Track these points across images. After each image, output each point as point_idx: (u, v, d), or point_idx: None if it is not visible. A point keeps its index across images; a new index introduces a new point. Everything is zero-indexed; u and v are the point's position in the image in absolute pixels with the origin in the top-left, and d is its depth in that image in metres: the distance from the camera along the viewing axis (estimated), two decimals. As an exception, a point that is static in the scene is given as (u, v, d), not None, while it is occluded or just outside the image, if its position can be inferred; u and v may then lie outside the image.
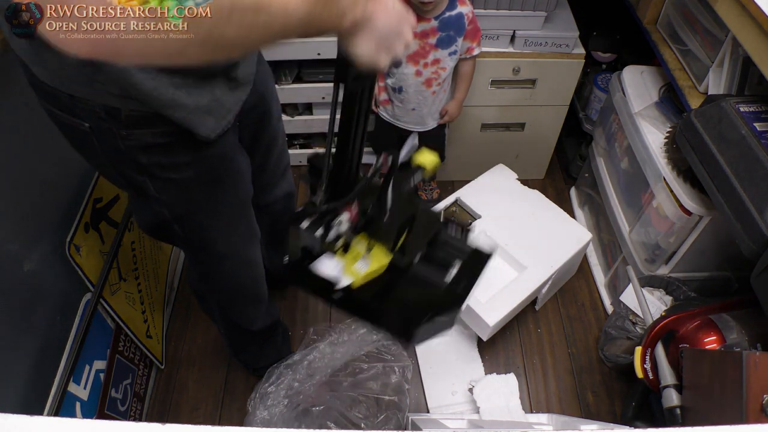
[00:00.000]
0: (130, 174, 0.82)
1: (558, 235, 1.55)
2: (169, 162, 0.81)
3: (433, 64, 1.46)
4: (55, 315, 1.07)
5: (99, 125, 0.74)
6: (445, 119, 1.62)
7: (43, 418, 0.42)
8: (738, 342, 1.04)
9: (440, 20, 1.40)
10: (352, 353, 1.46)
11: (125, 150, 0.77)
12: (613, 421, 1.42)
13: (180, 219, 0.91)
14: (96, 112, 0.73)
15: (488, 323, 1.37)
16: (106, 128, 0.75)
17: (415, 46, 1.44)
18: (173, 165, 0.81)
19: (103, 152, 0.79)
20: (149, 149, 0.78)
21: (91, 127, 0.75)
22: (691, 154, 1.12)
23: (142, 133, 0.76)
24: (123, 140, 0.76)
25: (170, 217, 0.90)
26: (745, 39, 1.04)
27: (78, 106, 0.73)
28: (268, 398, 1.36)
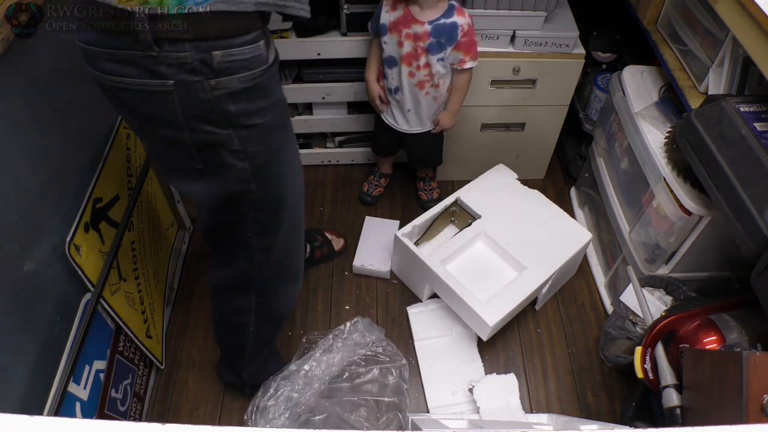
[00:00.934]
0: (212, 132, 0.83)
1: (558, 235, 1.55)
2: (253, 108, 0.84)
3: (424, 67, 1.46)
4: (55, 315, 1.07)
5: (187, 80, 0.77)
6: (436, 129, 1.62)
7: (43, 418, 0.42)
8: (738, 342, 1.04)
9: (434, 26, 1.40)
10: (347, 358, 1.46)
11: (213, 101, 0.79)
12: (613, 421, 1.42)
13: (259, 172, 0.92)
14: (186, 65, 0.75)
15: (488, 323, 1.37)
16: (195, 81, 0.77)
17: (410, 48, 1.44)
18: (256, 110, 0.85)
19: (184, 112, 0.80)
20: (236, 96, 0.81)
21: (175, 84, 0.77)
22: (691, 154, 1.12)
23: (229, 80, 0.79)
24: (213, 91, 0.78)
25: (251, 172, 0.91)
26: (745, 39, 1.04)
27: (163, 64, 0.75)
28: (268, 412, 1.34)
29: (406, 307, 1.64)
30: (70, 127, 1.14)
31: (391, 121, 1.64)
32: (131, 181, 1.38)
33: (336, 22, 1.57)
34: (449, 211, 1.67)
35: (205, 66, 0.76)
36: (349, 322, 1.53)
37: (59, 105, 1.10)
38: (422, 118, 1.59)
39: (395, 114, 1.61)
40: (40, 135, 1.04)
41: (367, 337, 1.50)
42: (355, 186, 1.95)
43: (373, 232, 1.79)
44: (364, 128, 1.89)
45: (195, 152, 0.87)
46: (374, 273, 1.71)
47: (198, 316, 1.62)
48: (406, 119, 1.60)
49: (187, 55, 0.75)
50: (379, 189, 1.93)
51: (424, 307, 1.63)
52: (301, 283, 1.26)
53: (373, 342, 1.50)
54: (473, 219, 1.61)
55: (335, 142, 2.01)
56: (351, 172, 2.02)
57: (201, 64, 0.76)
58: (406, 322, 1.61)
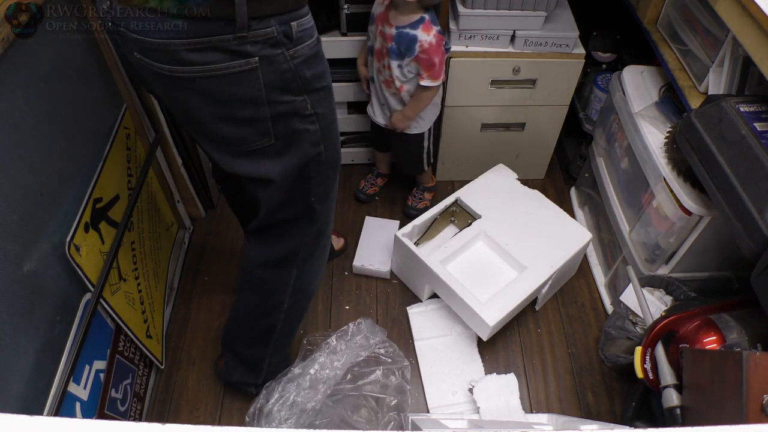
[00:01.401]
0: (289, 101, 0.90)
1: (558, 235, 1.55)
2: (320, 71, 0.92)
3: (387, 68, 1.47)
4: (55, 315, 1.07)
5: (270, 54, 0.83)
6: (387, 125, 1.62)
7: (43, 418, 0.42)
8: (738, 342, 1.04)
9: (398, 32, 1.40)
10: (351, 360, 1.45)
11: (294, 69, 0.87)
12: (613, 421, 1.42)
13: (327, 132, 0.99)
14: (270, 39, 0.81)
15: (488, 323, 1.37)
16: (278, 54, 0.83)
17: (379, 45, 1.45)
18: (322, 73, 0.93)
19: (266, 86, 0.86)
20: (309, 62, 0.89)
21: (260, 60, 0.82)
22: (691, 154, 1.12)
23: (302, 48, 0.86)
24: (292, 60, 0.85)
25: (320, 134, 0.98)
26: (745, 39, 1.04)
27: (249, 43, 0.80)
28: (273, 418, 1.31)
29: (406, 307, 1.64)
30: (70, 127, 1.14)
31: (371, 111, 1.65)
32: (131, 181, 1.38)
33: (336, 22, 1.57)
34: (449, 211, 1.67)
35: (286, 38, 0.83)
36: (352, 323, 1.52)
37: (59, 105, 1.10)
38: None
39: (374, 104, 1.62)
40: (40, 135, 1.04)
41: (370, 339, 1.49)
42: (355, 186, 1.96)
43: (373, 232, 1.79)
44: (364, 128, 1.90)
45: (270, 127, 0.93)
46: (374, 273, 1.71)
47: (198, 316, 1.62)
48: (382, 112, 1.61)
49: (272, 29, 0.81)
50: (374, 188, 1.93)
51: (424, 307, 1.63)
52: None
53: (376, 343, 1.49)
54: (473, 219, 1.61)
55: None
56: (351, 172, 2.02)
57: (283, 36, 0.83)
58: (406, 322, 1.61)
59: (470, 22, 1.53)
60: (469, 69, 1.59)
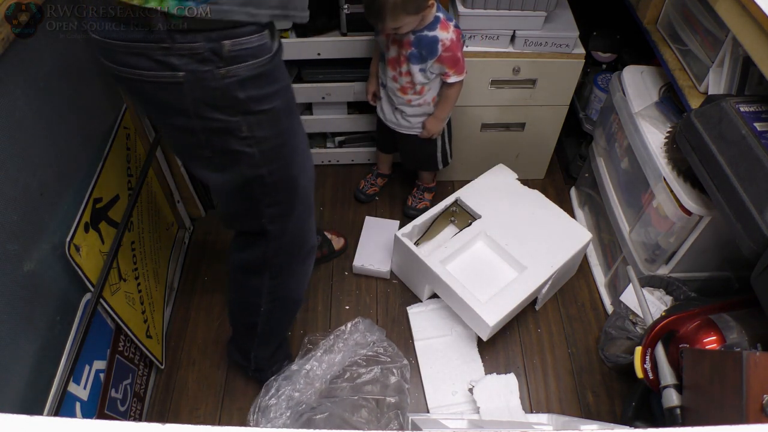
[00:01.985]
0: (221, 119, 0.87)
1: (558, 235, 1.55)
2: (261, 94, 0.87)
3: (406, 74, 1.47)
4: (55, 315, 1.07)
5: (197, 70, 0.80)
6: (423, 134, 1.61)
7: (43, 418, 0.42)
8: (738, 342, 1.04)
9: (416, 36, 1.39)
10: (348, 358, 1.46)
11: (225, 89, 0.83)
12: (613, 421, 1.42)
13: (269, 156, 0.95)
14: (197, 55, 0.79)
15: (488, 323, 1.37)
16: (205, 71, 0.80)
17: (394, 53, 1.44)
18: (265, 96, 0.88)
19: (194, 101, 0.84)
20: (245, 83, 0.84)
21: (186, 75, 0.80)
22: (691, 154, 1.12)
23: (238, 68, 0.82)
24: (223, 79, 0.82)
25: (260, 157, 0.94)
26: (745, 39, 1.04)
27: (174, 56, 0.78)
28: (270, 411, 1.35)
29: (406, 307, 1.64)
30: (70, 127, 1.14)
31: (381, 115, 1.65)
32: (131, 181, 1.38)
33: (336, 22, 1.57)
34: (449, 211, 1.67)
35: (215, 55, 0.79)
36: (350, 322, 1.53)
37: (59, 105, 1.10)
38: (409, 120, 1.59)
39: (385, 108, 1.62)
40: (40, 135, 1.04)
41: (368, 338, 1.50)
42: (355, 186, 1.95)
43: (373, 232, 1.79)
44: (363, 128, 1.90)
45: (204, 141, 0.91)
46: (374, 273, 1.71)
47: (198, 317, 1.62)
48: (395, 117, 1.60)
49: (198, 45, 0.78)
50: (374, 188, 1.93)
51: (424, 307, 1.63)
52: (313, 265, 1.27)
53: (374, 342, 1.50)
54: (473, 219, 1.61)
55: (335, 142, 2.01)
56: (351, 172, 2.02)
57: (211, 54, 0.79)
58: (406, 322, 1.61)
59: (470, 22, 1.53)
60: (469, 69, 1.58)
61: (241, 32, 0.80)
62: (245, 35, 0.81)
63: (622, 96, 1.48)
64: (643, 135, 1.36)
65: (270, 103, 0.90)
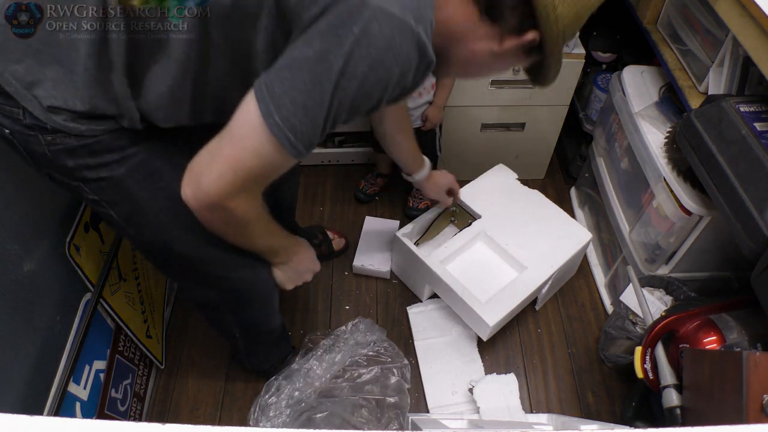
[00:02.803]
0: (63, 180, 0.82)
1: (558, 235, 1.55)
2: (96, 162, 0.80)
3: None
4: (55, 315, 1.07)
5: (22, 132, 0.75)
6: (426, 126, 1.61)
7: (43, 418, 0.42)
8: (738, 342, 1.04)
9: None
10: (349, 358, 1.46)
11: (51, 156, 0.77)
12: (613, 421, 1.42)
13: (128, 219, 0.88)
14: (18, 120, 0.74)
15: (488, 323, 1.37)
16: (30, 135, 0.75)
17: None
18: (101, 164, 0.80)
19: (32, 159, 0.79)
20: (74, 152, 0.78)
21: (12, 134, 0.76)
22: (691, 154, 1.12)
23: (64, 137, 0.76)
24: (48, 146, 0.76)
25: (118, 219, 0.88)
26: (745, 39, 1.04)
27: (0, 114, 0.74)
28: (270, 410, 1.35)
29: (406, 307, 1.64)
30: (70, 127, 1.14)
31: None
32: (131, 181, 1.38)
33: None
34: (449, 212, 1.67)
35: (39, 123, 0.74)
36: (350, 322, 1.53)
37: (59, 105, 1.10)
38: (411, 113, 1.59)
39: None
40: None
41: (368, 337, 1.50)
42: (355, 186, 1.95)
43: (373, 232, 1.79)
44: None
45: (67, 191, 0.87)
46: (374, 273, 1.71)
47: (198, 317, 1.62)
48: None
49: (19, 111, 0.73)
50: (374, 188, 1.93)
51: (424, 307, 1.63)
52: (277, 301, 1.20)
53: (374, 342, 1.50)
54: (473, 219, 1.61)
55: (335, 142, 2.01)
56: (351, 172, 2.02)
57: (32, 118, 0.74)
58: (406, 322, 1.61)
59: (470, 22, 1.53)
60: (469, 69, 1.59)
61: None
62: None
63: (622, 96, 1.48)
64: (643, 135, 1.36)
65: (110, 170, 0.81)
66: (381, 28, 0.63)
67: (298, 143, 0.68)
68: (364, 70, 0.64)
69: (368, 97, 0.68)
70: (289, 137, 0.67)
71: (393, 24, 0.63)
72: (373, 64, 0.64)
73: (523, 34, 0.75)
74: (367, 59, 0.64)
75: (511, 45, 0.76)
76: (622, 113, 1.48)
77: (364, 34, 0.63)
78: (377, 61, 0.64)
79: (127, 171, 0.82)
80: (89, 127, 0.77)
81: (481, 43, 0.77)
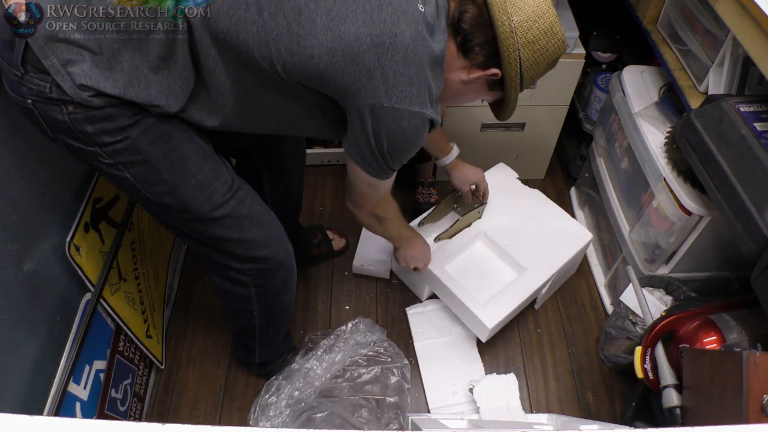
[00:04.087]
0: (80, 147, 0.88)
1: (558, 235, 1.55)
2: (114, 127, 0.86)
3: None
4: (55, 315, 1.07)
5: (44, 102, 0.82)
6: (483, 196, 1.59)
7: (43, 418, 0.42)
8: (738, 342, 1.04)
9: None
10: (349, 358, 1.46)
11: (71, 123, 0.84)
12: (613, 421, 1.42)
13: (144, 180, 0.94)
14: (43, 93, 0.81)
15: (487, 325, 1.37)
16: (53, 105, 0.82)
17: None
18: (118, 129, 0.87)
19: (50, 128, 0.86)
20: (94, 119, 0.84)
21: (34, 104, 0.82)
22: (691, 154, 1.12)
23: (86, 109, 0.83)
24: (69, 114, 0.83)
25: (134, 180, 0.94)
26: (745, 39, 1.04)
27: (25, 86, 0.81)
28: (270, 409, 1.35)
29: (405, 308, 1.64)
30: (70, 127, 1.14)
31: None
32: (131, 181, 1.38)
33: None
34: (453, 196, 1.63)
35: (63, 94, 0.81)
36: (350, 322, 1.53)
37: (59, 105, 1.10)
38: None
39: None
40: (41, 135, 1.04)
41: (368, 337, 1.50)
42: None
43: (373, 232, 1.79)
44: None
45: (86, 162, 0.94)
46: (374, 273, 1.71)
47: (198, 316, 1.62)
48: None
49: (47, 85, 0.81)
50: None
51: (423, 307, 1.63)
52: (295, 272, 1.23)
53: (374, 342, 1.50)
54: (479, 204, 1.58)
55: (335, 142, 2.01)
56: (351, 172, 2.01)
57: (60, 93, 0.81)
58: (406, 323, 1.61)
59: (470, 22, 1.53)
60: (469, 69, 1.59)
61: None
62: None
63: (622, 96, 1.48)
64: (643, 135, 1.36)
65: (124, 133, 0.88)
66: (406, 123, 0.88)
67: (383, 173, 0.99)
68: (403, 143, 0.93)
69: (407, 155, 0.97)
70: (382, 173, 0.99)
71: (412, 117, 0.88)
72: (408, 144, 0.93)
73: (488, 69, 0.93)
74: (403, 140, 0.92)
75: (476, 76, 0.94)
76: (622, 113, 1.48)
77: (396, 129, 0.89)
78: (409, 141, 0.92)
79: (140, 132, 0.89)
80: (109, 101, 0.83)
81: (455, 73, 0.95)
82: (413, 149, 0.95)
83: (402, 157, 0.96)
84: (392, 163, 0.95)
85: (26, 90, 0.82)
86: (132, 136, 0.88)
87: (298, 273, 1.26)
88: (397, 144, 0.91)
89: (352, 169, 1.00)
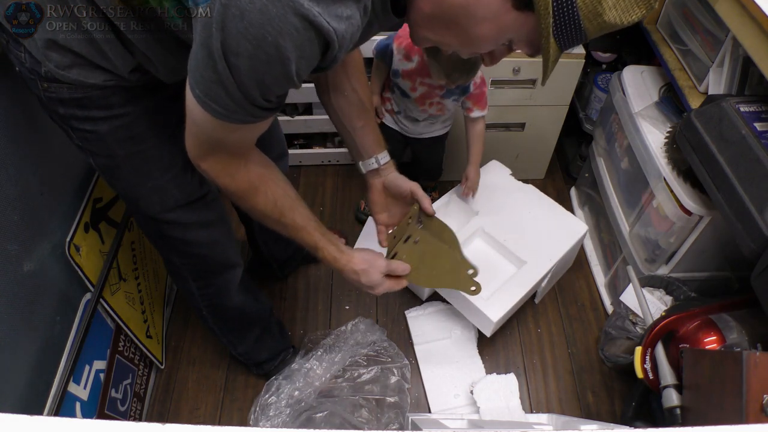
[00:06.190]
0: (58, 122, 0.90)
1: (555, 228, 1.55)
2: (84, 115, 0.86)
3: (437, 104, 1.47)
4: (55, 315, 1.07)
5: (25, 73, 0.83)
6: (465, 191, 1.58)
7: (43, 418, 0.42)
8: (738, 342, 1.04)
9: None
10: (349, 358, 1.46)
11: (45, 100, 0.85)
12: (613, 421, 1.42)
13: (105, 171, 0.97)
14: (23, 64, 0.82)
15: (492, 319, 1.37)
16: (32, 78, 0.83)
17: (424, 90, 1.42)
18: (88, 118, 0.87)
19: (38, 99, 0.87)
20: (65, 102, 0.85)
21: (21, 73, 0.84)
22: (691, 154, 1.12)
23: (59, 87, 0.83)
24: (44, 92, 0.84)
25: (96, 167, 0.97)
26: (745, 39, 1.04)
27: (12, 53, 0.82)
28: (270, 409, 1.36)
29: (404, 311, 1.64)
30: (70, 127, 1.14)
31: (392, 123, 1.61)
32: (131, 181, 1.38)
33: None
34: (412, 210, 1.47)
35: (36, 70, 0.81)
36: (350, 322, 1.53)
37: (59, 105, 1.10)
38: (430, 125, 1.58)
39: (402, 120, 1.59)
40: (40, 135, 1.04)
41: (368, 337, 1.50)
42: (356, 186, 1.95)
43: (373, 232, 1.78)
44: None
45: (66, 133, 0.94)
46: (374, 273, 1.71)
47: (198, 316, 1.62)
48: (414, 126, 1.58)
49: (22, 56, 0.81)
50: None
51: (422, 310, 1.63)
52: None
53: (374, 342, 1.50)
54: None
55: (335, 142, 2.01)
56: (351, 172, 2.01)
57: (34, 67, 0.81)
58: (406, 324, 1.61)
59: (470, 22, 1.53)
60: (469, 69, 1.59)
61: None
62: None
63: (622, 96, 1.48)
64: (643, 135, 1.36)
65: (94, 125, 0.87)
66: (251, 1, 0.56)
67: (221, 108, 0.66)
68: (248, 47, 0.58)
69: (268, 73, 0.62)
70: (212, 105, 0.66)
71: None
72: (255, 42, 0.58)
73: None
74: (246, 35, 0.57)
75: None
76: (622, 113, 1.48)
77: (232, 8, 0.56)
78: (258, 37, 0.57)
79: (110, 129, 0.89)
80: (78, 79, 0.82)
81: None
82: (264, 61, 0.59)
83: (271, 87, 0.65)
84: (226, 78, 0.61)
85: (13, 59, 0.83)
86: (100, 132, 0.88)
87: (299, 273, 1.26)
88: (234, 38, 0.57)
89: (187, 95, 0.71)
